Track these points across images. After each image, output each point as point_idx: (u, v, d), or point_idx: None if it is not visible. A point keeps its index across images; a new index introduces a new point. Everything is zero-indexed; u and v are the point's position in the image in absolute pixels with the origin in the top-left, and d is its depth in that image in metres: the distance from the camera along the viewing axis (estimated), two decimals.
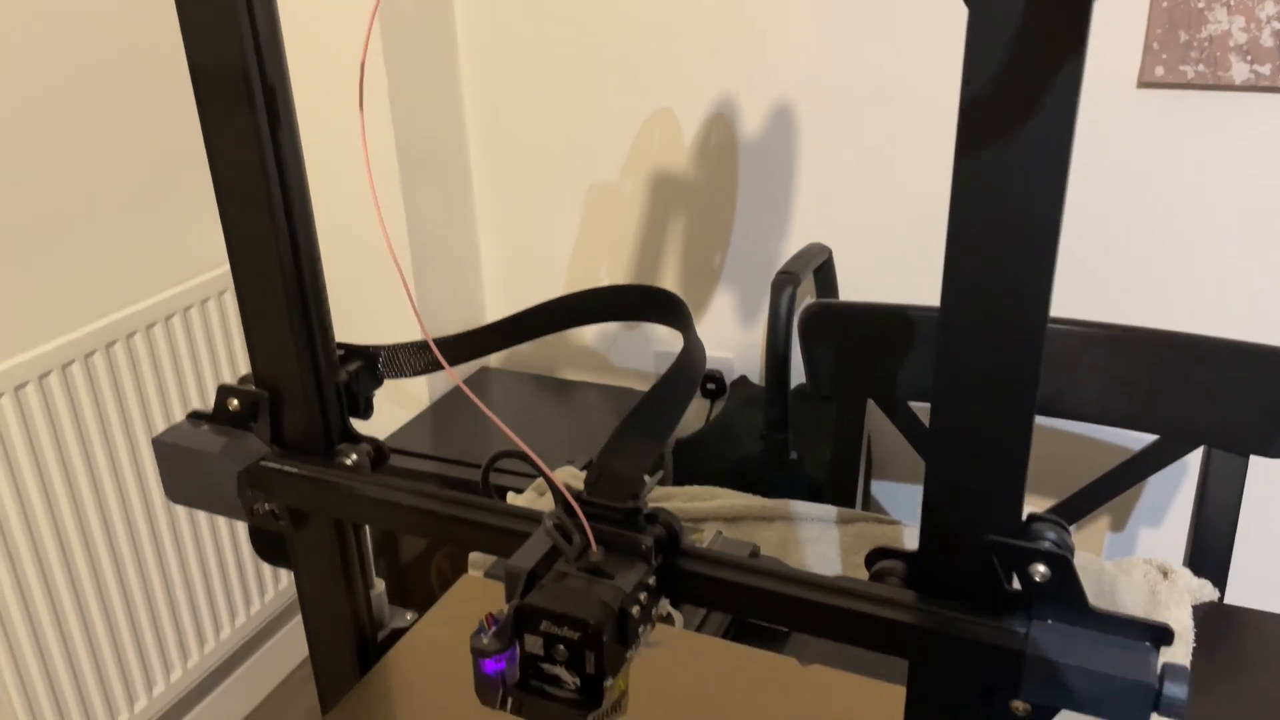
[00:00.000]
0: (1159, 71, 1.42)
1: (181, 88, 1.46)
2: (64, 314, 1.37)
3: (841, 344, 1.29)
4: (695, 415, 1.83)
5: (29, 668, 1.33)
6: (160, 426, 1.47)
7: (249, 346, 0.69)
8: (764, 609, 0.61)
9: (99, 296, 1.40)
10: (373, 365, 0.72)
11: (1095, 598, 0.52)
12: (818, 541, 1.32)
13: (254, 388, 0.70)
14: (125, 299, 1.44)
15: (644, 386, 1.84)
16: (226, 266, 1.51)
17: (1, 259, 1.28)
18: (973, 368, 0.53)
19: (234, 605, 1.63)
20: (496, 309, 1.91)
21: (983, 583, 0.56)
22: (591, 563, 0.59)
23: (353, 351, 0.72)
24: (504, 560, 0.60)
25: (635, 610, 0.57)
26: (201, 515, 1.55)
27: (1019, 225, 0.49)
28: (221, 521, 1.60)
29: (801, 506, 1.21)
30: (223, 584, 1.61)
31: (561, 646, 0.56)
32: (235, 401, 0.70)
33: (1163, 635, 0.53)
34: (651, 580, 0.59)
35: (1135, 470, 1.20)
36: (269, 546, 0.81)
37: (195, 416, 0.72)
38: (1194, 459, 1.48)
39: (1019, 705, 0.56)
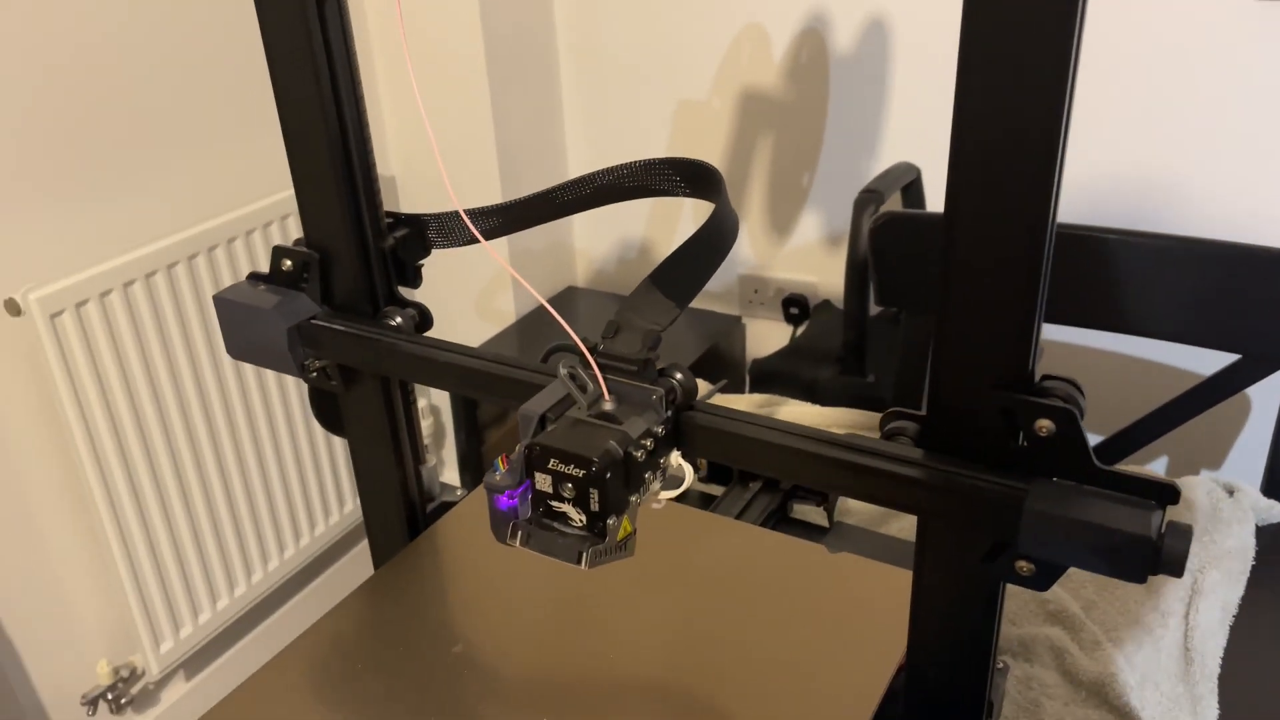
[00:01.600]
0: None
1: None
2: (151, 226, 1.44)
3: (911, 255, 1.26)
4: (777, 339, 1.82)
5: (136, 556, 1.43)
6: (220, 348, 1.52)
7: (300, 209, 0.73)
8: (775, 464, 0.62)
9: (160, 218, 1.46)
10: (421, 233, 0.75)
11: None
12: None
13: (306, 249, 0.74)
14: (187, 221, 1.48)
15: (728, 309, 1.84)
16: (287, 192, 1.57)
17: (73, 178, 1.34)
18: (986, 196, 0.53)
19: (314, 516, 1.71)
20: (584, 231, 1.93)
21: (990, 439, 0.56)
22: (603, 410, 0.61)
23: (401, 220, 0.75)
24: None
25: (640, 455, 0.59)
26: (282, 426, 1.61)
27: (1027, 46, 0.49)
28: (302, 438, 1.66)
29: (860, 416, 1.20)
30: (303, 497, 1.68)
31: (569, 485, 0.58)
32: (288, 262, 0.74)
33: (1167, 494, 0.52)
34: (660, 429, 0.60)
35: (1213, 392, 1.15)
36: (326, 411, 0.86)
37: (254, 276, 0.76)
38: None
39: (1023, 565, 0.56)
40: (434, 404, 1.94)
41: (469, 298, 1.85)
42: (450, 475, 1.92)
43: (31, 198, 1.30)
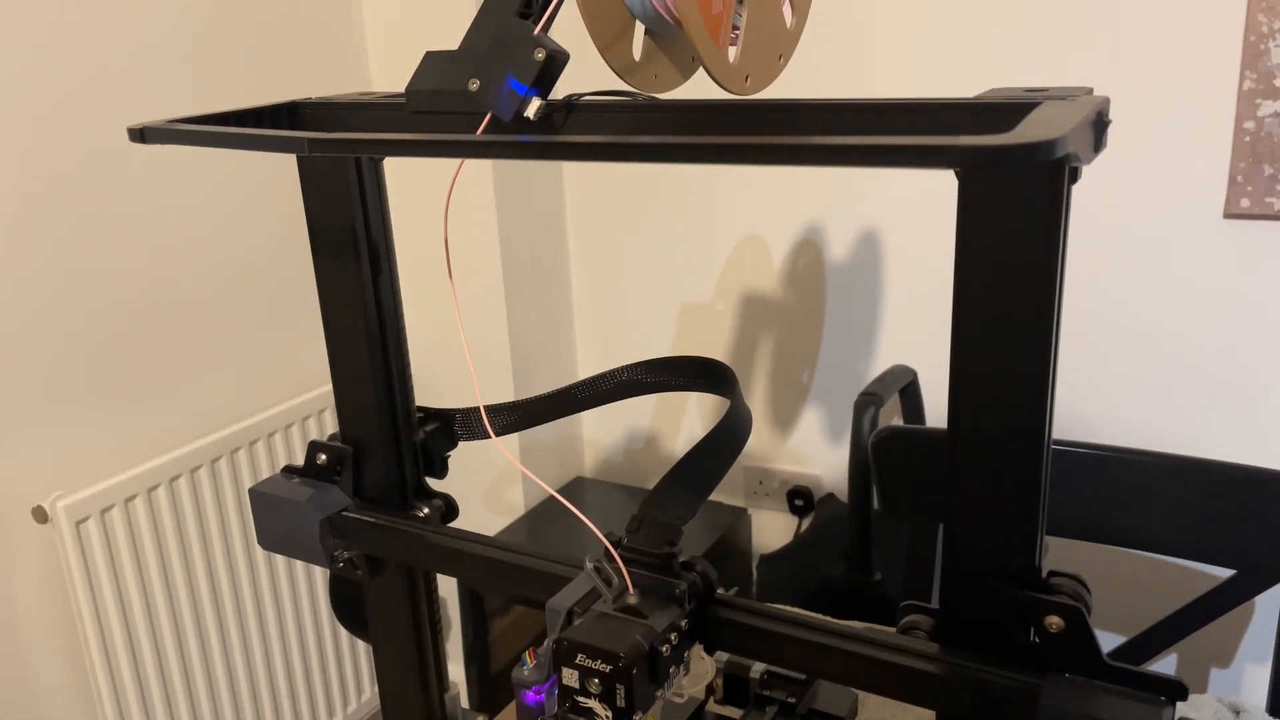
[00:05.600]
0: (1245, 203, 1.44)
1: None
2: (178, 430, 1.49)
3: (913, 469, 1.31)
4: (782, 531, 1.84)
5: None
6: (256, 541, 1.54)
7: (337, 404, 0.77)
8: (795, 657, 0.63)
9: (184, 422, 1.50)
10: (449, 427, 0.79)
11: None
12: None
13: (340, 444, 0.77)
14: (211, 426, 1.52)
15: (734, 500, 1.87)
16: (305, 396, 1.63)
17: (101, 385, 1.39)
18: (985, 412, 0.57)
19: (318, 716, 1.68)
20: (592, 423, 1.98)
21: (1002, 635, 0.58)
22: (628, 604, 0.63)
23: (431, 414, 0.79)
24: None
25: (666, 649, 0.60)
26: (292, 631, 1.62)
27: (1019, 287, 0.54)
28: (312, 647, 1.66)
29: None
30: (310, 709, 1.67)
31: (595, 680, 0.59)
32: (323, 456, 0.77)
33: (1176, 691, 0.54)
34: (684, 623, 0.62)
35: (1213, 605, 1.17)
36: (347, 608, 0.87)
37: (288, 470, 0.79)
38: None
39: None
40: (441, 595, 1.93)
41: (479, 489, 1.87)
42: (455, 669, 1.89)
43: (61, 404, 1.35)
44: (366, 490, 0.78)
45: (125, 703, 1.38)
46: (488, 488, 1.87)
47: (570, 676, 0.60)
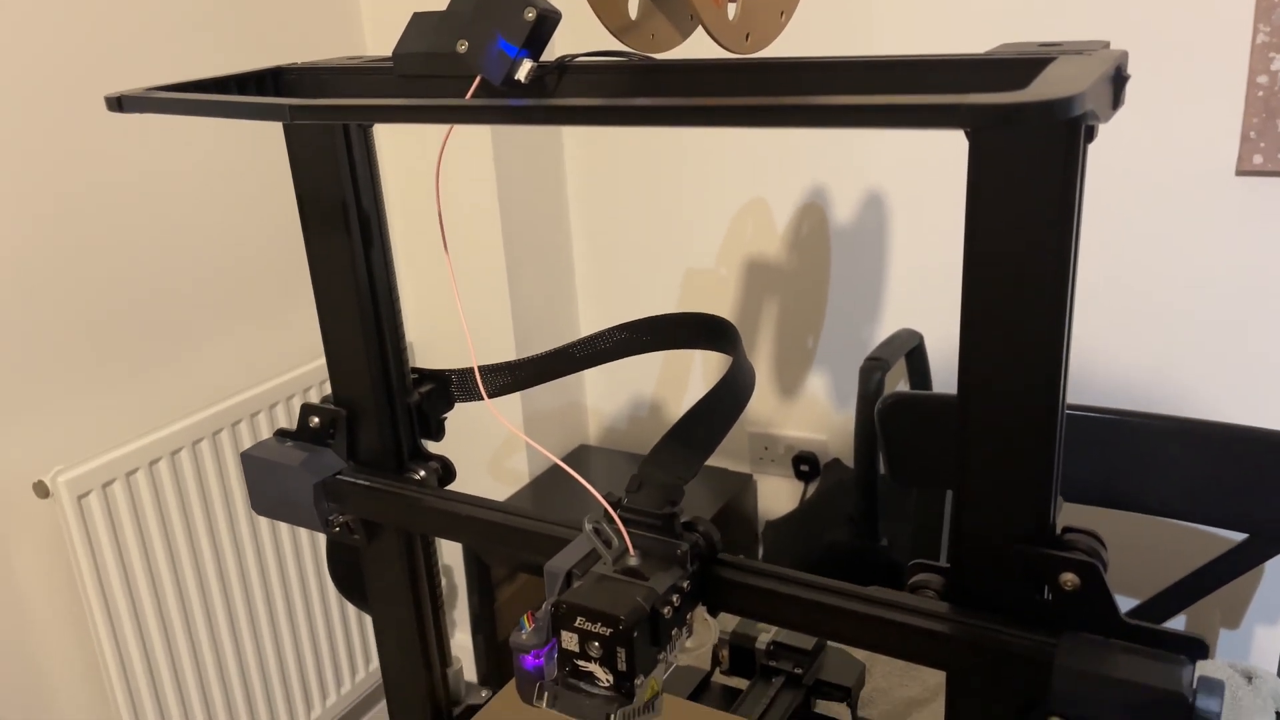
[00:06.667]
0: (1257, 160, 1.41)
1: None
2: (177, 403, 1.47)
3: (919, 435, 1.29)
4: (788, 497, 1.82)
5: None
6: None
7: (329, 366, 0.75)
8: (800, 618, 0.62)
9: (185, 396, 1.48)
10: (445, 388, 0.77)
11: None
12: None
13: (333, 406, 0.75)
14: (211, 398, 1.51)
15: (739, 466, 1.85)
16: (307, 367, 1.62)
17: (102, 359, 1.37)
18: (998, 375, 0.54)
19: (325, 688, 1.68)
20: (596, 390, 1.96)
21: (1015, 594, 0.56)
22: (628, 565, 0.61)
23: (426, 375, 0.77)
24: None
25: (667, 611, 0.59)
26: (298, 603, 1.61)
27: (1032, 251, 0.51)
28: (318, 615, 1.65)
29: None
30: (317, 671, 1.66)
31: (595, 643, 0.58)
32: (315, 419, 0.75)
33: (1196, 649, 0.52)
34: (686, 585, 0.61)
35: (1225, 569, 1.16)
36: (346, 577, 0.86)
37: (281, 434, 0.77)
38: None
39: None
40: (446, 564, 1.92)
41: (483, 459, 1.86)
42: (462, 638, 1.88)
43: (61, 380, 1.33)
44: (361, 453, 0.76)
45: (132, 674, 1.38)
46: (491, 457, 1.86)
47: (570, 640, 0.59)
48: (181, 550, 1.43)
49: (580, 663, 0.58)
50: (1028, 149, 0.50)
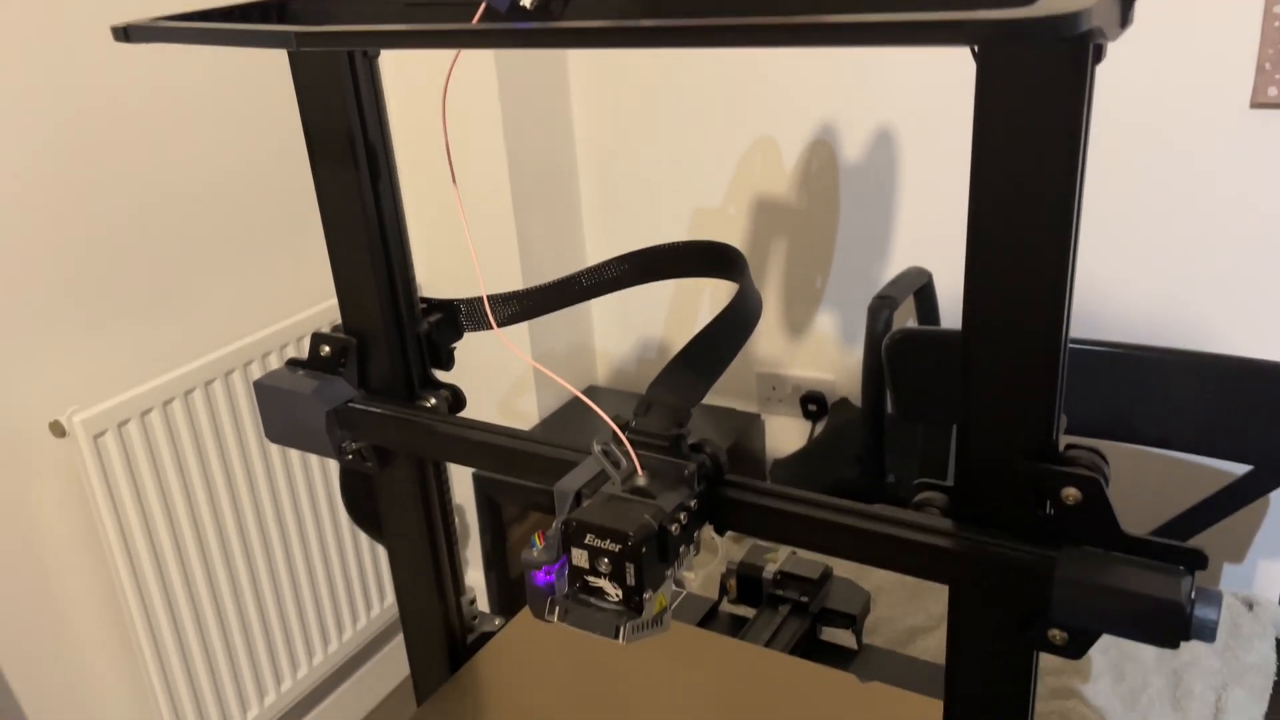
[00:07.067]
0: (1272, 92, 1.39)
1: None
2: (191, 343, 1.48)
3: (925, 370, 1.29)
4: (796, 436, 1.83)
5: (170, 668, 1.43)
6: (273, 452, 1.56)
7: (338, 295, 0.76)
8: (806, 536, 0.63)
9: (198, 336, 1.50)
10: (454, 317, 0.78)
11: None
12: None
13: (343, 335, 0.76)
14: (224, 339, 1.52)
15: (747, 406, 1.86)
16: (320, 306, 1.63)
17: (115, 299, 1.38)
18: (1003, 292, 0.55)
19: (342, 623, 1.71)
20: (604, 327, 1.97)
21: (1018, 509, 0.57)
22: (636, 485, 0.62)
23: (434, 305, 0.78)
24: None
25: (674, 529, 0.60)
26: (313, 540, 1.63)
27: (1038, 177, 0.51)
28: (332, 548, 1.68)
29: None
30: (333, 605, 1.69)
31: (604, 559, 0.59)
32: (326, 348, 0.76)
33: (1195, 559, 0.53)
34: (693, 504, 0.62)
35: (1229, 500, 1.17)
36: (360, 505, 0.87)
37: (292, 363, 0.78)
38: None
39: (1056, 633, 0.57)
40: (458, 504, 1.94)
41: (493, 400, 1.87)
42: (475, 576, 1.91)
43: (75, 320, 1.34)
44: (372, 382, 0.77)
45: (152, 609, 1.40)
46: (502, 398, 1.87)
47: (580, 557, 0.60)
48: (197, 488, 1.45)
49: (590, 579, 0.60)
50: (1034, 69, 0.50)
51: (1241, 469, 1.18)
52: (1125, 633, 0.54)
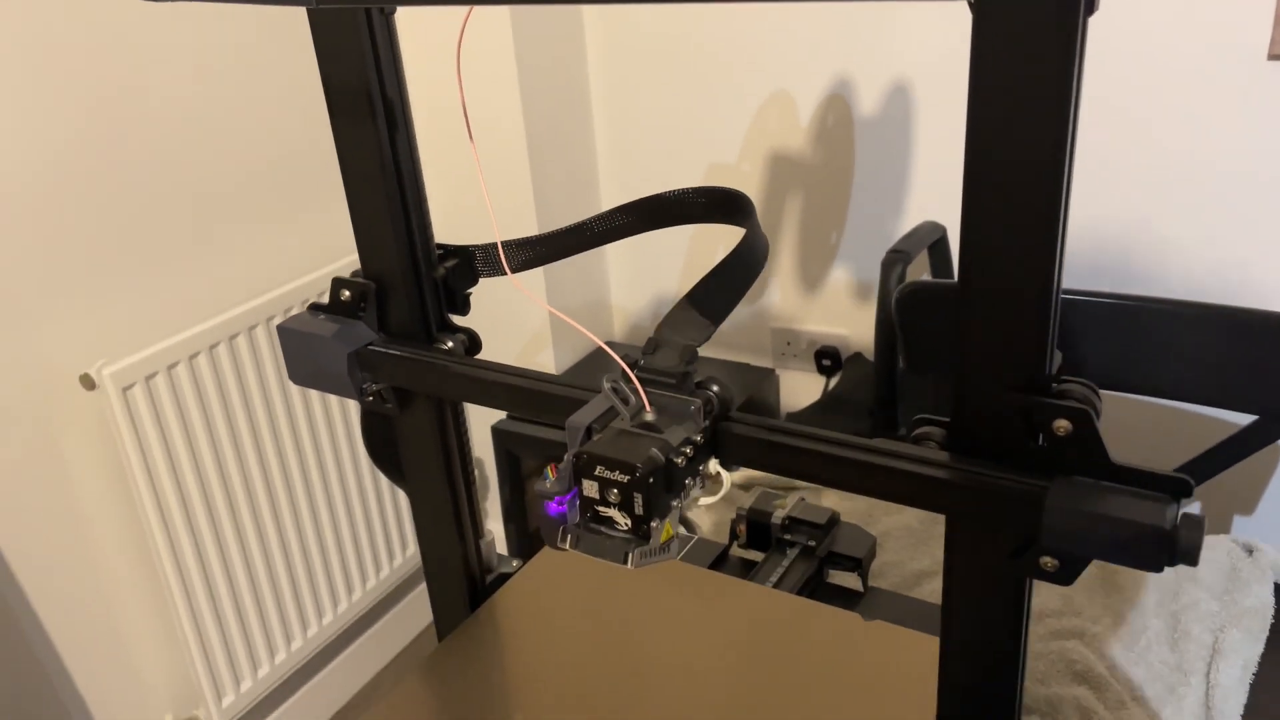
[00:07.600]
0: None
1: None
2: (216, 298, 1.51)
3: (935, 323, 1.30)
4: (810, 391, 1.86)
5: (200, 614, 1.48)
6: (297, 404, 1.59)
7: (357, 241, 0.78)
8: (809, 468, 0.65)
9: (223, 291, 1.52)
10: (470, 263, 0.80)
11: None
12: (901, 511, 1.33)
13: (363, 280, 0.79)
14: (250, 293, 1.55)
15: (761, 361, 1.88)
16: (341, 262, 1.65)
17: (143, 253, 1.41)
18: (997, 227, 0.57)
19: (365, 571, 1.76)
20: (621, 283, 1.99)
21: (1011, 441, 0.59)
22: (645, 421, 0.65)
23: (451, 251, 0.80)
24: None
25: (680, 461, 0.62)
26: (336, 490, 1.67)
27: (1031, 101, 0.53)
28: (355, 497, 1.71)
29: None
30: (355, 553, 1.74)
31: (614, 490, 0.62)
32: (346, 292, 0.79)
33: (1180, 487, 0.55)
34: (699, 438, 0.64)
35: (1234, 450, 1.18)
36: (381, 448, 0.90)
37: (314, 308, 0.81)
38: None
39: (1048, 560, 0.59)
40: (478, 456, 1.98)
41: (510, 355, 1.90)
42: (495, 526, 1.95)
43: (104, 275, 1.37)
44: (391, 326, 0.80)
45: (182, 557, 1.44)
46: (518, 353, 1.90)
47: (590, 488, 0.63)
48: (223, 439, 1.49)
49: (600, 508, 0.62)
50: (1027, 20, 0.51)
51: (1247, 419, 1.19)
52: (1113, 557, 0.56)
